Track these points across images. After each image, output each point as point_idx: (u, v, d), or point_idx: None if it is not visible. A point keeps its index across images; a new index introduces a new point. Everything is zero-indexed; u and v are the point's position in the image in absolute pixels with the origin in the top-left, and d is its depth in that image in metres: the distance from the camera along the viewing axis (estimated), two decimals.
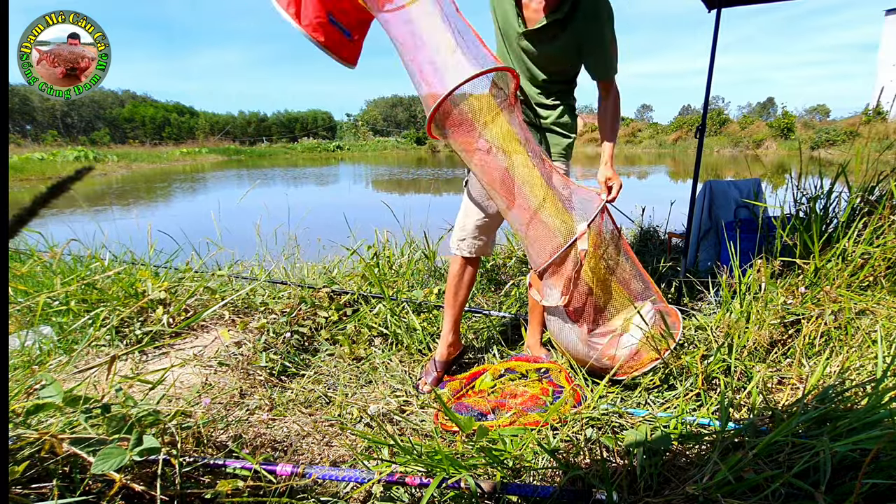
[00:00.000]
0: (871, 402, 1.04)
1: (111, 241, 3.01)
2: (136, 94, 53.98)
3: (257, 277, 2.57)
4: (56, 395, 1.01)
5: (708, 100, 2.39)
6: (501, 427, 1.36)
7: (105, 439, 0.99)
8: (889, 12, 30.04)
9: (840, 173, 2.13)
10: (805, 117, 37.18)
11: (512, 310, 2.32)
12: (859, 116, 23.14)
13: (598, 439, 1.28)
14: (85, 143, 37.89)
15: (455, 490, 1.07)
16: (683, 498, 0.97)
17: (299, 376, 1.82)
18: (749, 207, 2.76)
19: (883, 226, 1.82)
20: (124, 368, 1.82)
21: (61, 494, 0.93)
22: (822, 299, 1.68)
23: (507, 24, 1.68)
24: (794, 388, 1.48)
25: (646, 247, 3.46)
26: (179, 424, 1.13)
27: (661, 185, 14.30)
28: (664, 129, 34.14)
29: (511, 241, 3.32)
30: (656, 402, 1.56)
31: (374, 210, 3.47)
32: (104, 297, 2.10)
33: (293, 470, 1.11)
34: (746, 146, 26.75)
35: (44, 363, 1.68)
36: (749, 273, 1.84)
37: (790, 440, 1.00)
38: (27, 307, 2.01)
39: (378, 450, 1.35)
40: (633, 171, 17.42)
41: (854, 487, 0.85)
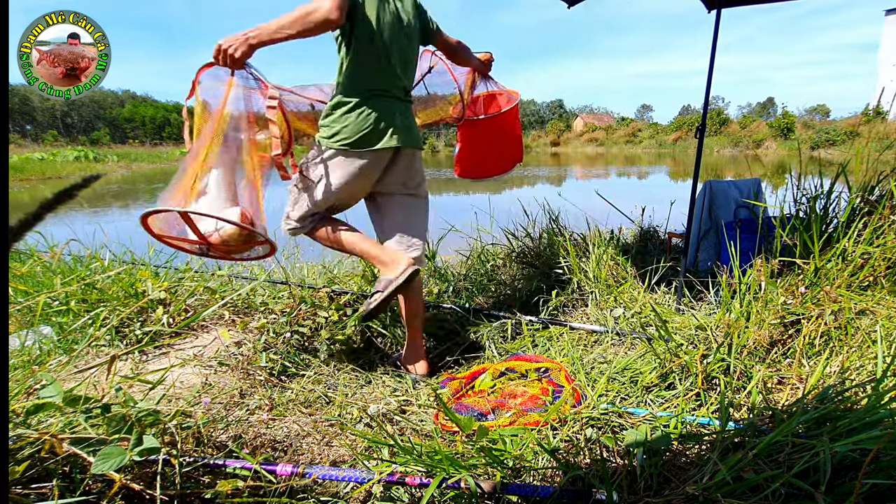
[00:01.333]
0: (871, 402, 1.04)
1: (111, 241, 3.01)
2: (136, 94, 53.93)
3: (257, 277, 2.57)
4: (56, 395, 1.01)
5: (708, 100, 2.39)
6: (501, 427, 1.36)
7: (105, 439, 0.99)
8: (889, 12, 30.05)
9: (840, 173, 2.13)
10: (805, 117, 37.20)
11: (512, 310, 2.32)
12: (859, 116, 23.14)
13: (598, 439, 1.28)
14: (85, 143, 37.91)
15: (455, 490, 1.07)
16: (683, 498, 0.97)
17: (299, 376, 1.82)
18: (749, 207, 2.76)
19: (883, 226, 1.82)
20: (124, 368, 1.82)
21: (61, 494, 0.93)
22: (822, 299, 1.68)
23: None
24: (794, 388, 1.48)
25: (646, 247, 3.46)
26: (179, 424, 1.13)
27: (661, 185, 14.31)
28: (664, 129, 34.17)
29: (510, 242, 3.32)
30: (656, 401, 1.56)
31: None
32: (104, 297, 2.11)
33: (293, 470, 1.11)
34: (746, 146, 26.75)
35: (44, 363, 1.68)
36: (749, 273, 1.84)
37: (790, 440, 1.00)
38: (27, 307, 2.01)
39: (378, 450, 1.35)
40: (633, 171, 17.42)
41: (854, 487, 0.85)
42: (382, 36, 1.69)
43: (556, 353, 1.95)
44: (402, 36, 1.75)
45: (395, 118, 1.75)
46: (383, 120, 1.72)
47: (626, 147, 32.34)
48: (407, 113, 1.83)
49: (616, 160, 27.14)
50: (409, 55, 1.82)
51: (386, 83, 1.74)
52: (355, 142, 1.71)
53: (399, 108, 1.79)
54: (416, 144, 1.86)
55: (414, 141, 1.84)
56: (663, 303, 2.38)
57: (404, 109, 1.82)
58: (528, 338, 2.12)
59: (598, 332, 2.13)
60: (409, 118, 1.84)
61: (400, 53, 1.76)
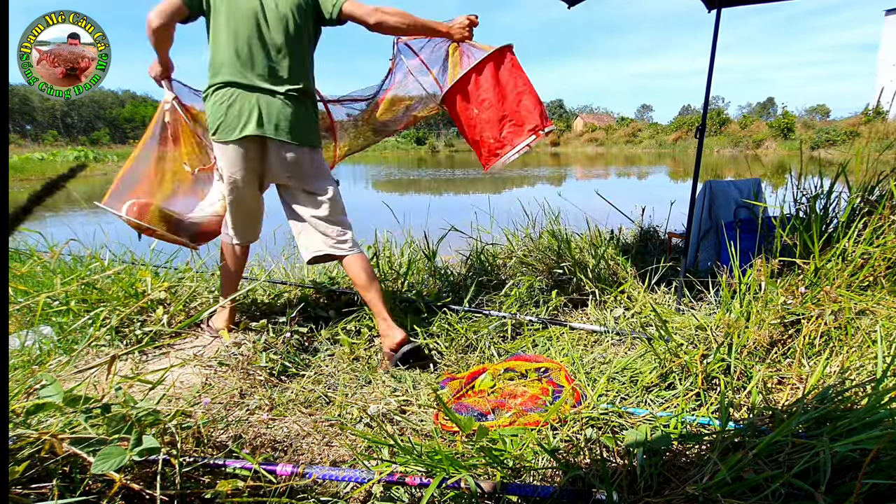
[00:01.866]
0: (871, 402, 1.04)
1: (111, 241, 3.01)
2: (136, 94, 53.94)
3: (257, 277, 2.57)
4: (56, 395, 1.01)
5: (708, 100, 2.39)
6: (501, 427, 1.36)
7: (105, 439, 0.99)
8: (889, 12, 30.06)
9: (840, 173, 2.13)
10: (805, 117, 37.24)
11: (512, 310, 2.32)
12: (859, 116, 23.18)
13: (598, 439, 1.28)
14: (85, 143, 37.92)
15: (455, 490, 1.07)
16: (683, 498, 0.97)
17: (299, 376, 1.82)
18: (749, 207, 2.76)
19: (883, 226, 1.82)
20: (124, 368, 1.82)
21: (61, 494, 0.93)
22: (822, 299, 1.68)
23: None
24: (794, 388, 1.48)
25: (646, 247, 3.46)
26: (179, 424, 1.13)
27: (661, 185, 14.31)
28: (664, 129, 34.19)
29: (511, 242, 3.32)
30: (656, 401, 1.56)
31: (374, 210, 3.47)
32: (104, 297, 2.10)
33: (293, 470, 1.11)
34: (746, 146, 26.76)
35: (44, 363, 1.68)
36: (749, 273, 1.84)
37: (790, 440, 1.00)
38: (27, 307, 2.01)
39: (378, 450, 1.35)
40: (633, 171, 17.42)
41: (854, 487, 0.85)
42: (233, 23, 1.69)
43: (556, 353, 1.95)
44: (261, 21, 1.72)
45: (253, 108, 1.72)
46: (236, 110, 1.72)
47: (626, 147, 32.35)
48: (274, 104, 1.76)
49: (616, 160, 27.14)
50: (277, 41, 1.74)
51: (242, 71, 1.72)
52: (214, 131, 1.77)
53: (264, 99, 1.74)
54: (283, 138, 1.78)
55: (280, 134, 1.77)
56: (663, 303, 2.38)
57: (271, 101, 1.75)
58: (528, 338, 2.11)
59: (598, 332, 2.13)
60: (278, 109, 1.77)
61: (260, 40, 1.71)
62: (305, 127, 1.85)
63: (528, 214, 3.56)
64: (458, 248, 3.16)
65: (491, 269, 2.89)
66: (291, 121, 1.80)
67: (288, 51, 1.78)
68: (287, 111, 1.79)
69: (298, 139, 1.82)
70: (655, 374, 1.63)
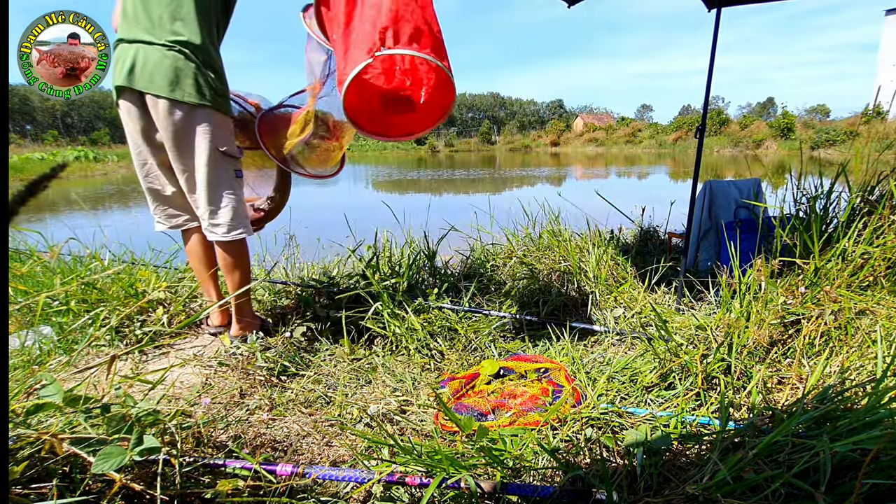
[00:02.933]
0: (871, 402, 1.04)
1: (111, 241, 3.02)
2: None
3: (257, 277, 2.57)
4: (56, 394, 1.01)
5: (708, 100, 2.38)
6: (501, 427, 1.36)
7: (105, 439, 0.99)
8: (889, 12, 30.06)
9: (840, 173, 2.13)
10: (805, 117, 37.23)
11: (512, 310, 2.32)
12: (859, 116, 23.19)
13: (598, 439, 1.28)
14: (85, 142, 37.92)
15: (455, 490, 1.07)
16: (683, 498, 0.97)
17: (299, 376, 1.82)
18: (749, 207, 2.76)
19: (883, 226, 1.82)
20: (124, 368, 1.82)
21: (61, 494, 0.93)
22: (822, 299, 1.68)
23: None
24: (794, 388, 1.48)
25: (646, 247, 3.46)
26: (179, 424, 1.13)
27: (661, 185, 14.31)
28: (664, 129, 34.20)
29: (511, 242, 3.32)
30: (656, 401, 1.56)
31: (373, 210, 3.47)
32: (104, 297, 2.11)
33: (293, 470, 1.11)
34: (746, 146, 26.76)
35: (44, 363, 1.68)
36: (749, 273, 1.84)
37: (790, 440, 1.00)
38: (27, 307, 2.01)
39: (378, 450, 1.35)
40: (633, 171, 17.43)
41: (854, 487, 0.85)
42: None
43: (556, 353, 1.95)
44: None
45: (127, 59, 1.71)
46: (116, 64, 1.74)
47: (626, 147, 32.36)
48: (146, 54, 1.69)
49: (616, 160, 27.14)
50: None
51: (127, 27, 1.73)
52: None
53: (141, 50, 1.70)
54: (147, 89, 1.70)
55: (143, 84, 1.69)
56: (663, 303, 2.38)
57: (147, 51, 1.69)
58: (528, 338, 2.12)
59: (598, 332, 2.13)
60: (149, 59, 1.69)
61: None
62: (182, 79, 1.71)
63: (528, 214, 3.56)
64: (457, 248, 3.16)
65: (491, 269, 2.89)
66: (161, 70, 1.69)
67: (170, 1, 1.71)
68: (163, 59, 1.69)
69: (165, 92, 1.70)
70: (655, 373, 1.63)
